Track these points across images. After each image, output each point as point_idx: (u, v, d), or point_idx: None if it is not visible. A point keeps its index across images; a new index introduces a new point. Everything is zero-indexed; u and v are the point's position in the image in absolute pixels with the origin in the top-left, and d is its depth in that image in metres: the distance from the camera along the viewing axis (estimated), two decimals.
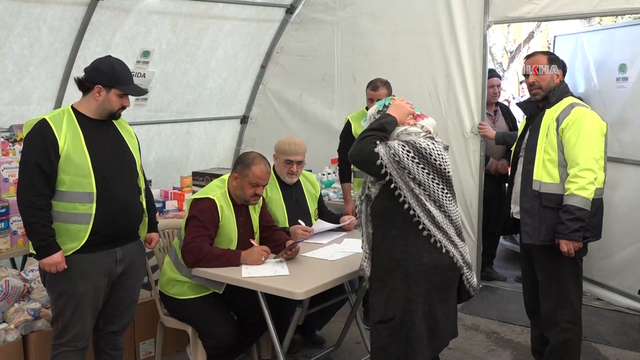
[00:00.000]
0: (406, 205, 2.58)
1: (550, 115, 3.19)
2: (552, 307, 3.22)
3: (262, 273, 3.10)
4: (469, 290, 2.79)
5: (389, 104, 2.72)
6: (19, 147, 3.51)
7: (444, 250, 2.63)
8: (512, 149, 3.56)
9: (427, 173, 2.58)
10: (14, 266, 4.09)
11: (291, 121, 6.02)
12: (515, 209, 3.38)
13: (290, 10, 5.81)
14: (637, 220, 4.56)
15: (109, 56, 2.90)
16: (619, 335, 4.25)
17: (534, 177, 3.18)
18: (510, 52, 17.22)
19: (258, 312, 3.19)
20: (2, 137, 3.61)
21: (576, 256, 3.13)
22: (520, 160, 3.34)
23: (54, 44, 4.29)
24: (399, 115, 2.70)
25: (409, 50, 5.23)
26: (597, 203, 3.15)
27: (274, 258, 3.33)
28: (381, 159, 2.56)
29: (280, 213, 3.85)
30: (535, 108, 3.37)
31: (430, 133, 2.72)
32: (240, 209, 3.42)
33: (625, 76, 4.63)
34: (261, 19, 5.70)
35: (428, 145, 2.61)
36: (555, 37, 5.72)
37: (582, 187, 3.00)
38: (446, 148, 2.71)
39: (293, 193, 3.96)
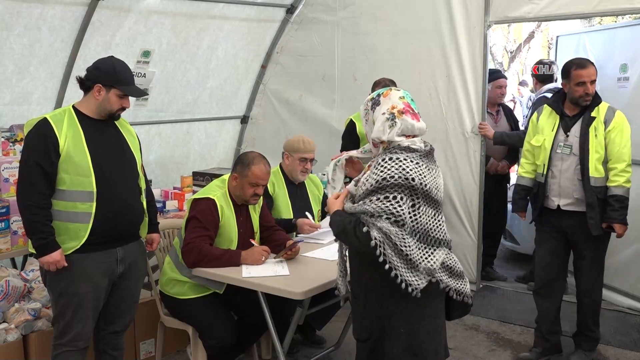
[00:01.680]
0: (387, 266, 2.27)
1: (597, 119, 3.60)
2: (595, 277, 3.75)
3: (263, 273, 3.10)
4: (463, 301, 2.46)
5: (382, 93, 2.45)
6: (19, 147, 3.51)
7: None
8: (544, 144, 3.73)
9: (412, 205, 2.26)
10: (15, 266, 4.09)
11: (291, 121, 6.02)
12: (562, 201, 3.71)
13: (290, 10, 5.81)
14: (639, 221, 4.56)
15: (112, 56, 2.91)
16: (619, 335, 4.25)
17: (590, 174, 3.57)
18: (511, 52, 17.22)
19: (258, 312, 3.19)
20: (2, 137, 3.61)
21: (610, 235, 3.70)
22: (560, 157, 3.68)
23: (54, 44, 4.29)
24: (340, 205, 2.44)
25: (409, 50, 5.23)
26: None
27: (274, 258, 3.33)
28: (375, 238, 2.23)
29: (286, 210, 3.88)
30: (562, 106, 3.72)
31: (410, 137, 2.38)
32: (241, 209, 3.42)
33: (626, 76, 4.63)
34: (261, 19, 5.71)
35: (398, 169, 2.25)
36: (557, 37, 5.73)
37: (628, 180, 3.54)
38: (429, 152, 2.39)
39: (298, 193, 3.98)
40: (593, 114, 3.61)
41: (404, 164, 2.27)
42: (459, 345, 4.13)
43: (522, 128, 5.58)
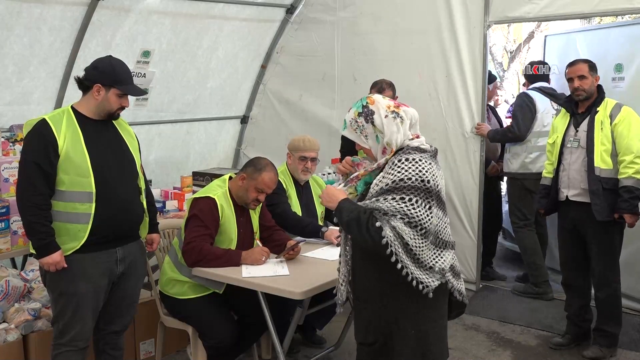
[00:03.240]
0: (399, 265, 2.24)
1: (602, 113, 3.79)
2: (603, 270, 3.86)
3: (262, 273, 3.10)
4: (462, 301, 2.46)
5: (366, 103, 2.38)
6: (19, 147, 3.51)
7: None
8: (557, 141, 3.99)
9: (428, 208, 2.22)
10: (14, 266, 4.09)
11: (291, 121, 6.02)
12: (570, 192, 3.93)
13: (290, 10, 5.81)
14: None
15: (110, 56, 2.91)
16: (619, 335, 4.24)
17: (595, 165, 3.76)
18: (511, 52, 17.20)
19: (258, 312, 3.19)
20: (2, 137, 3.61)
21: (623, 227, 3.83)
22: (569, 150, 3.91)
23: (54, 44, 4.29)
24: (344, 194, 2.40)
25: (409, 50, 5.23)
26: None
27: (276, 258, 3.33)
28: (386, 237, 2.19)
29: (295, 210, 3.88)
30: (574, 106, 3.95)
31: (417, 137, 2.37)
32: (241, 210, 3.42)
33: (621, 76, 4.61)
34: (261, 19, 5.71)
35: (415, 170, 2.23)
36: (546, 37, 5.68)
37: (637, 171, 3.66)
38: (435, 154, 2.37)
39: (304, 193, 3.98)
40: (599, 109, 3.81)
41: (420, 165, 2.24)
42: (459, 345, 4.12)
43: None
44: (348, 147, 4.53)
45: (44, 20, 4.12)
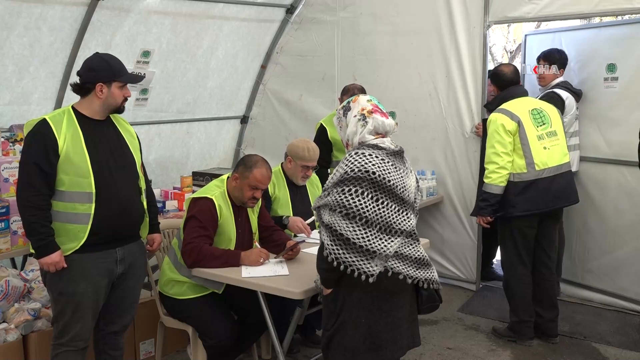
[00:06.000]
0: (348, 271, 2.44)
1: None
2: (502, 262, 4.28)
3: (262, 273, 3.10)
4: (433, 294, 2.63)
5: (351, 100, 2.62)
6: (19, 147, 3.51)
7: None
8: None
9: (371, 198, 2.39)
10: (14, 266, 4.09)
11: (291, 121, 6.03)
12: None
13: (290, 10, 5.82)
14: (626, 222, 4.52)
15: (97, 53, 2.92)
16: (619, 335, 4.25)
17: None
18: (510, 52, 17.20)
19: (258, 312, 3.19)
20: (2, 137, 3.61)
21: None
22: None
23: (54, 44, 4.29)
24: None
25: (409, 50, 5.23)
26: (523, 184, 3.87)
27: (275, 258, 3.33)
28: (332, 256, 2.41)
29: (286, 211, 3.87)
30: None
31: (380, 136, 2.55)
32: (239, 210, 3.41)
33: (614, 76, 4.56)
34: (261, 19, 5.71)
35: (360, 162, 2.42)
36: (526, 35, 5.58)
37: (485, 176, 3.96)
38: (398, 153, 2.54)
39: (298, 193, 3.98)
40: None
41: (367, 158, 2.42)
42: (459, 345, 4.13)
43: None
44: (322, 153, 4.32)
45: (44, 20, 4.12)
